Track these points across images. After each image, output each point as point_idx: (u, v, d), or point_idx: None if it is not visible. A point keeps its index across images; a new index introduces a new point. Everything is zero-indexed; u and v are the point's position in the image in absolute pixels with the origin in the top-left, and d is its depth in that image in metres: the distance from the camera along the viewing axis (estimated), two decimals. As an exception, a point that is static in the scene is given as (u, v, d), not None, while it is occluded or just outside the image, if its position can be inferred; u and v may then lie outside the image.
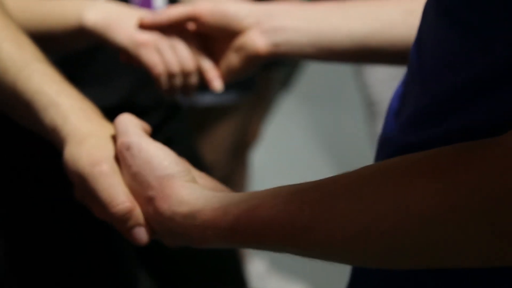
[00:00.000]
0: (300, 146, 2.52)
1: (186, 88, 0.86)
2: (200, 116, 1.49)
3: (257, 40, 0.81)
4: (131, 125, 0.61)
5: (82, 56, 0.96)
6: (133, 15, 0.83)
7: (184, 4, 0.84)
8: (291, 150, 2.49)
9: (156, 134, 1.07)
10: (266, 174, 2.26)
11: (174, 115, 1.11)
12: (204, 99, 1.46)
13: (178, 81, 0.84)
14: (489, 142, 0.43)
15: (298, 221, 0.48)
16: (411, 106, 0.54)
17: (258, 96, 1.65)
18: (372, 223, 0.45)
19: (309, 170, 2.35)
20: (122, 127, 0.61)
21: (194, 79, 0.85)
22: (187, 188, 0.56)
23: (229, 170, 1.68)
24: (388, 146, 0.57)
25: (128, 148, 0.59)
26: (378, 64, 0.89)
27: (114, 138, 0.62)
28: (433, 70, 0.53)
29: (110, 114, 1.00)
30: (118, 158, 0.60)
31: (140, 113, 1.03)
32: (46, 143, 0.67)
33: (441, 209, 0.43)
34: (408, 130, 0.54)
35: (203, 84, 0.86)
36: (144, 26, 0.82)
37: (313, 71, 2.32)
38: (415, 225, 0.44)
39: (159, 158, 0.58)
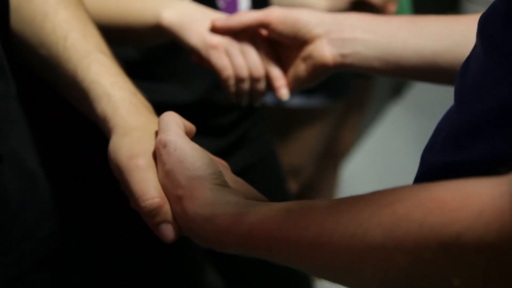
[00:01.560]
0: (399, 159, 2.47)
1: (253, 94, 0.86)
2: (287, 118, 1.49)
3: (325, 49, 0.81)
4: (172, 123, 0.62)
5: (164, 53, 0.99)
6: (207, 17, 0.85)
7: (257, 10, 0.85)
8: (390, 163, 2.45)
9: (232, 131, 1.10)
10: (358, 186, 2.24)
11: (252, 114, 1.12)
12: (292, 101, 1.46)
13: (246, 86, 0.85)
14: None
15: (305, 238, 0.48)
16: (448, 127, 0.53)
17: (352, 103, 1.64)
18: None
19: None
20: (163, 125, 0.62)
21: (262, 85, 0.86)
22: (214, 191, 0.57)
23: (317, 177, 1.68)
24: (423, 164, 0.56)
25: (164, 145, 0.60)
26: (447, 84, 0.88)
27: (157, 134, 0.64)
28: (466, 93, 0.52)
29: (188, 110, 1.03)
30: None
31: (217, 111, 1.06)
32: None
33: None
34: (442, 151, 0.53)
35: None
36: (216, 29, 0.84)
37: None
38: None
39: (193, 159, 0.59)
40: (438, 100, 2.85)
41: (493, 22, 0.49)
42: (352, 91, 1.56)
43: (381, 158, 2.48)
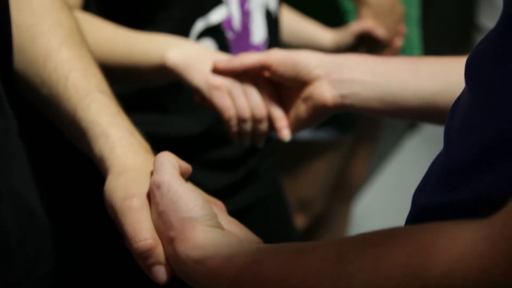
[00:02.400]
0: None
1: (255, 134, 0.87)
2: (296, 151, 1.50)
3: (325, 90, 0.82)
4: (166, 164, 0.63)
5: (171, 85, 1.01)
6: (210, 58, 0.86)
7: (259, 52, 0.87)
8: (405, 197, 2.44)
9: (241, 166, 1.11)
10: (372, 220, 2.23)
11: (260, 149, 1.13)
12: (301, 134, 1.47)
13: (248, 126, 0.86)
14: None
15: (292, 281, 0.49)
16: (438, 168, 0.54)
17: (363, 135, 1.64)
18: None
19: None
20: (158, 165, 0.63)
21: (264, 126, 0.87)
22: (205, 233, 0.58)
23: (328, 210, 1.68)
24: (414, 204, 0.56)
25: (158, 186, 0.61)
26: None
27: (152, 174, 0.65)
28: (453, 134, 0.52)
29: (195, 142, 1.04)
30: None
31: (222, 144, 1.07)
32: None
33: None
34: (432, 191, 0.53)
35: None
36: (218, 71, 0.85)
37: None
38: None
39: (185, 200, 0.60)
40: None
41: (477, 62, 0.50)
42: (361, 124, 1.56)
43: (397, 192, 2.47)
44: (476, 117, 0.48)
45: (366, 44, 1.27)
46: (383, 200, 2.39)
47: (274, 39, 1.09)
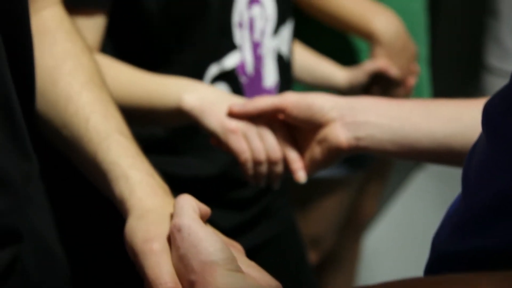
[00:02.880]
0: (424, 229, 2.46)
1: (271, 176, 0.88)
2: (306, 188, 1.50)
3: (340, 133, 0.83)
4: (187, 207, 0.64)
5: (187, 127, 1.02)
6: (226, 101, 0.88)
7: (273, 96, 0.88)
8: (413, 232, 2.44)
9: (254, 204, 1.12)
10: (380, 256, 2.23)
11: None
12: None
13: (263, 168, 0.87)
14: None
15: None
16: (456, 214, 0.55)
17: (373, 172, 1.65)
18: None
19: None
20: (178, 208, 0.64)
21: (279, 168, 0.88)
22: (226, 277, 0.59)
23: (338, 247, 1.68)
24: (433, 250, 0.57)
25: (179, 229, 0.62)
26: (461, 166, 0.89)
27: (172, 216, 0.66)
28: (470, 181, 0.53)
29: (210, 184, 1.05)
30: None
31: (237, 185, 1.08)
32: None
33: None
34: (450, 239, 0.54)
35: None
36: (233, 115, 0.87)
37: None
38: None
39: (206, 244, 0.60)
40: (461, 170, 2.84)
41: (494, 109, 0.51)
42: (373, 161, 1.57)
43: (405, 228, 2.47)
44: (493, 166, 0.49)
45: (380, 83, 1.29)
46: (392, 236, 2.39)
47: (286, 82, 1.11)
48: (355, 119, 0.82)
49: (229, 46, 1.01)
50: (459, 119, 0.79)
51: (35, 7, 0.77)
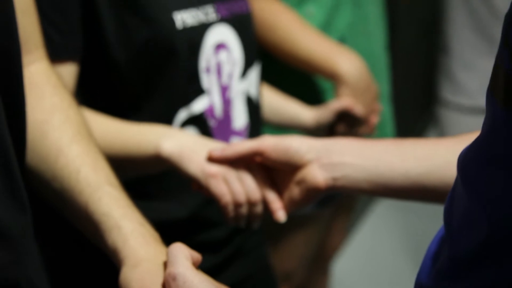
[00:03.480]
0: (386, 256, 2.51)
1: (251, 217, 0.91)
2: (278, 225, 1.53)
3: (317, 174, 0.86)
4: (180, 256, 0.66)
5: (158, 172, 1.04)
6: (205, 147, 0.91)
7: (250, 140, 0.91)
8: (376, 260, 2.48)
9: (226, 246, 1.14)
10: (348, 285, 2.26)
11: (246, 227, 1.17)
12: None
13: (244, 210, 0.90)
14: None
15: None
16: (445, 255, 0.57)
17: (340, 206, 1.68)
18: None
19: (395, 283, 2.33)
20: (172, 257, 0.66)
21: (259, 209, 0.91)
22: None
23: (308, 280, 1.70)
24: (417, 285, 0.59)
25: (174, 278, 0.64)
26: (435, 203, 0.93)
27: (165, 265, 0.68)
28: (454, 227, 0.56)
29: (182, 227, 1.07)
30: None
31: (209, 226, 1.10)
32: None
33: None
34: (435, 279, 0.56)
35: None
36: (213, 159, 0.90)
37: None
38: None
39: None
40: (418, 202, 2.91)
41: (469, 162, 0.55)
42: (340, 197, 1.60)
43: (369, 256, 2.51)
44: (472, 216, 0.52)
45: (345, 121, 1.32)
46: (357, 265, 2.43)
47: (256, 124, 1.14)
48: (331, 160, 0.86)
49: (197, 91, 1.04)
50: (431, 159, 0.82)
51: (23, 62, 0.79)
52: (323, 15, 1.47)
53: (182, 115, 1.03)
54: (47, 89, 0.81)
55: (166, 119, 1.01)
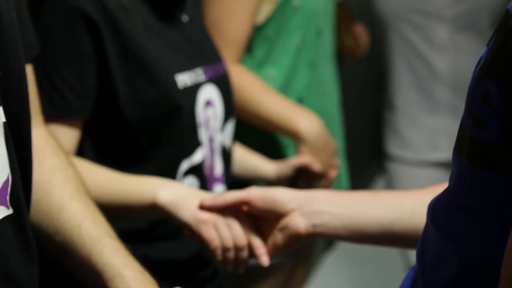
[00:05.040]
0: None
1: (237, 261, 1.00)
2: (243, 276, 1.60)
3: (298, 221, 0.96)
4: None
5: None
6: (196, 196, 1.01)
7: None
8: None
9: (212, 281, 1.21)
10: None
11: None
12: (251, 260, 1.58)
13: (231, 254, 1.00)
14: None
15: None
16: None
17: (301, 256, 1.77)
18: None
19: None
20: None
21: (244, 254, 1.00)
22: None
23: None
24: None
25: None
26: (406, 248, 1.02)
27: None
28: (427, 268, 0.66)
29: (183, 266, 1.15)
30: None
31: (205, 264, 1.18)
32: None
33: None
34: None
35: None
36: (205, 208, 0.99)
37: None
38: None
39: None
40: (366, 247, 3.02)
41: (440, 209, 0.65)
42: (302, 246, 1.69)
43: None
44: (444, 256, 0.62)
45: (305, 175, 1.42)
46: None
47: (228, 171, 1.24)
48: (311, 209, 0.96)
49: (196, 143, 1.15)
50: (401, 207, 0.94)
51: None
52: (282, 77, 1.58)
53: (184, 165, 1.13)
54: (47, 152, 0.90)
55: (171, 170, 1.12)
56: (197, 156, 1.16)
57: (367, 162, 2.63)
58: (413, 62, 2.12)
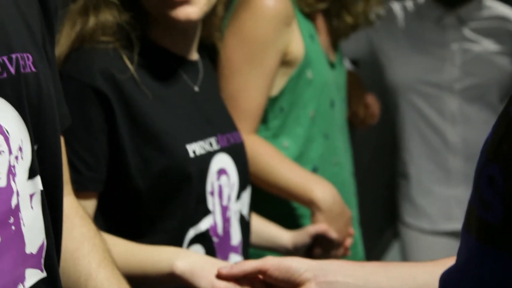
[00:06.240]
0: None
1: None
2: None
3: None
4: None
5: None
6: (213, 265, 1.04)
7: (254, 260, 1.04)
8: None
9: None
10: None
11: None
12: None
13: None
14: None
15: None
16: None
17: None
18: None
19: None
20: None
21: None
22: None
23: None
24: None
25: None
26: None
27: None
28: None
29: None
30: None
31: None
32: None
33: None
34: None
35: None
36: (222, 276, 1.02)
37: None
38: None
39: None
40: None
41: (451, 282, 0.68)
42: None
43: None
44: None
45: (321, 244, 1.45)
46: None
47: (247, 240, 1.27)
48: (326, 279, 0.98)
49: (204, 211, 1.18)
50: (412, 280, 0.96)
51: None
52: (297, 148, 1.62)
53: (191, 233, 1.16)
54: (77, 220, 0.95)
55: (178, 238, 1.15)
56: (205, 224, 1.19)
57: (381, 229, 2.65)
58: (425, 131, 2.15)
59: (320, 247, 1.45)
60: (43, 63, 0.79)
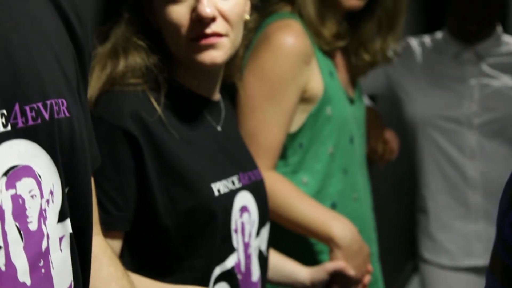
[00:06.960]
0: None
1: None
2: None
3: None
4: None
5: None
6: None
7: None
8: None
9: None
10: None
11: None
12: None
13: None
14: None
15: None
16: None
17: None
18: None
19: None
20: None
21: None
22: None
23: None
24: None
25: None
26: None
27: None
28: None
29: None
30: None
31: None
32: None
33: None
34: None
35: None
36: None
37: None
38: None
39: None
40: None
41: None
42: None
43: None
44: None
45: (339, 281, 1.45)
46: None
47: (265, 276, 1.28)
48: None
49: (229, 249, 1.20)
50: None
51: None
52: (316, 184, 1.62)
53: (217, 271, 1.18)
54: (105, 260, 0.96)
55: (204, 276, 1.17)
56: (230, 262, 1.20)
57: (401, 264, 2.64)
58: (444, 167, 2.15)
59: (338, 284, 1.45)
60: (77, 107, 0.81)
